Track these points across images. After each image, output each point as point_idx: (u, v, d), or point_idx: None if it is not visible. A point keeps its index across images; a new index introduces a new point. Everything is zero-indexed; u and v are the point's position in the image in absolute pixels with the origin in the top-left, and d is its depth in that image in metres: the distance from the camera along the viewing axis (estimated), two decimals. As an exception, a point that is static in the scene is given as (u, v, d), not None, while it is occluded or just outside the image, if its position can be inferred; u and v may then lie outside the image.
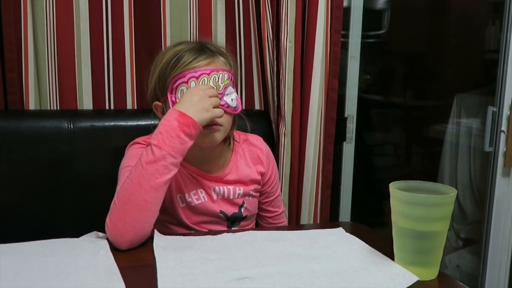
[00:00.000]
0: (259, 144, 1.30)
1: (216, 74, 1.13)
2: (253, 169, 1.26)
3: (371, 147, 2.80)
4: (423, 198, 0.86)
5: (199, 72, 1.11)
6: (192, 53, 1.14)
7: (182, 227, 1.21)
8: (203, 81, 1.11)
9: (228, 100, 1.15)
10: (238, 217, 1.25)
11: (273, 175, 1.32)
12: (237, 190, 1.23)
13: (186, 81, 1.11)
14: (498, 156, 1.87)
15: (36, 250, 0.94)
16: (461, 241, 2.25)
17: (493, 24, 2.21)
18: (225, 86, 1.14)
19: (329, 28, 1.50)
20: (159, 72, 1.16)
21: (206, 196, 1.21)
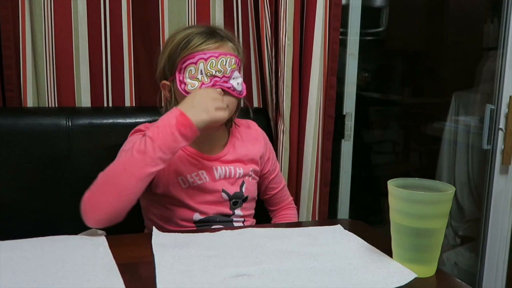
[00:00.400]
0: (254, 126, 1.36)
1: (224, 58, 1.16)
2: (251, 149, 1.30)
3: (369, 144, 2.81)
4: (421, 196, 0.86)
5: (208, 54, 1.15)
6: (202, 36, 1.18)
7: (186, 208, 1.22)
8: (211, 63, 1.15)
9: (234, 83, 1.18)
10: (240, 197, 1.26)
11: (271, 154, 1.37)
12: (237, 169, 1.25)
13: (195, 62, 1.15)
14: (496, 154, 1.87)
15: (35, 247, 0.94)
16: (459, 238, 2.26)
17: (492, 22, 2.22)
18: (232, 70, 1.18)
19: (327, 25, 1.50)
20: (169, 52, 1.19)
21: (207, 177, 1.22)
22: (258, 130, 1.36)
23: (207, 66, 1.14)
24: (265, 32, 1.47)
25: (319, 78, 1.49)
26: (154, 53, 1.48)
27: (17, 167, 1.32)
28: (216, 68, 1.15)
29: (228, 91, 1.17)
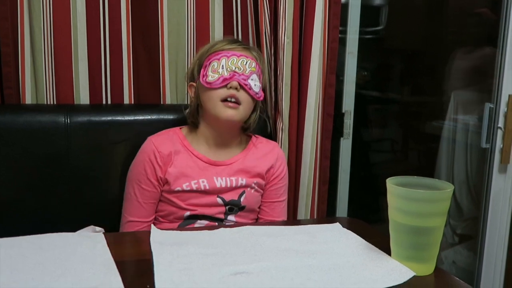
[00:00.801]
0: (274, 145, 1.39)
1: (245, 59, 1.27)
2: (260, 162, 1.32)
3: (368, 143, 2.81)
4: (420, 194, 0.86)
5: (230, 53, 1.27)
6: (229, 41, 1.32)
7: (178, 208, 1.25)
8: (232, 60, 1.25)
9: (251, 83, 1.26)
10: (236, 205, 1.27)
11: (280, 177, 1.35)
12: (239, 180, 1.28)
13: (218, 59, 1.25)
14: (495, 152, 1.87)
15: (33, 244, 0.94)
16: (457, 237, 2.26)
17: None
18: (251, 71, 1.26)
19: (327, 24, 1.49)
20: (199, 55, 1.32)
21: (207, 185, 1.25)
22: (276, 149, 1.38)
23: (228, 62, 1.24)
24: (264, 30, 1.47)
25: (318, 76, 1.49)
26: (153, 50, 1.49)
27: (16, 165, 1.32)
28: (236, 65, 1.25)
29: (244, 87, 1.24)
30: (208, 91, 1.25)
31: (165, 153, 1.26)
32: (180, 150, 1.27)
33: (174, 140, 1.29)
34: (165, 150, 1.26)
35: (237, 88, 1.23)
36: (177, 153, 1.26)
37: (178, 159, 1.26)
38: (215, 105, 1.24)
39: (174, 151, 1.26)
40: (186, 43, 1.51)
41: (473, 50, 2.51)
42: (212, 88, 1.24)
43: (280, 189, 1.35)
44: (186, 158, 1.27)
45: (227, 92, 1.23)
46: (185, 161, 1.26)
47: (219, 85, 1.23)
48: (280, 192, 1.35)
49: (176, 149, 1.27)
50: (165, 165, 1.25)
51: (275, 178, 1.34)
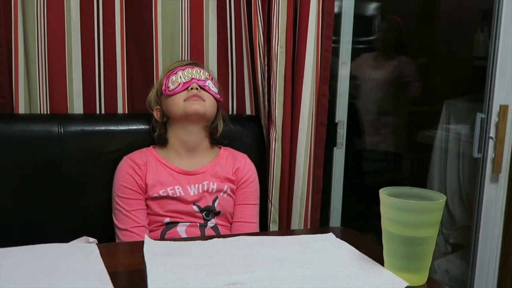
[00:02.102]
0: (242, 156, 1.43)
1: (199, 69, 1.38)
2: (229, 169, 1.38)
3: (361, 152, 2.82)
4: (412, 204, 0.87)
5: (185, 67, 1.37)
6: (182, 61, 1.44)
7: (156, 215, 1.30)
8: (188, 70, 1.36)
9: (209, 85, 1.36)
10: (211, 210, 1.33)
11: (248, 182, 1.39)
12: (211, 185, 1.34)
13: (175, 73, 1.36)
14: (487, 162, 1.88)
15: (26, 255, 0.94)
16: (450, 246, 2.26)
17: (482, 31, 2.24)
18: (206, 78, 1.37)
19: (320, 34, 1.50)
20: (158, 82, 1.42)
21: (182, 192, 1.31)
22: (245, 158, 1.43)
23: (184, 72, 1.36)
24: (257, 40, 1.48)
25: (311, 86, 1.50)
26: (147, 60, 1.49)
27: (9, 174, 1.32)
28: (192, 73, 1.36)
29: (204, 88, 1.35)
30: (172, 98, 1.34)
31: (141, 164, 1.33)
32: (153, 162, 1.34)
33: (147, 155, 1.36)
34: (140, 161, 1.33)
35: (197, 88, 1.33)
36: (151, 165, 1.33)
37: (152, 169, 1.33)
38: (181, 104, 1.32)
39: (148, 163, 1.33)
40: (180, 53, 1.52)
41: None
42: (175, 93, 1.33)
43: (249, 193, 1.39)
44: (159, 169, 1.33)
45: (188, 93, 1.33)
46: (159, 171, 1.33)
47: (181, 89, 1.33)
48: (249, 196, 1.39)
49: (150, 161, 1.34)
50: (143, 174, 1.32)
51: (244, 182, 1.39)
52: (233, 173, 1.38)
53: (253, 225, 1.39)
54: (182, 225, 1.30)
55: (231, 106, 1.59)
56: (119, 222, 1.29)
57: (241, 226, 1.36)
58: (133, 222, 1.28)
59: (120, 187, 1.30)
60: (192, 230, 1.30)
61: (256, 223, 1.40)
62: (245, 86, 1.58)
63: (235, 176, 1.38)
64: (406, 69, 2.70)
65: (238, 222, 1.37)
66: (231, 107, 1.59)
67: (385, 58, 2.71)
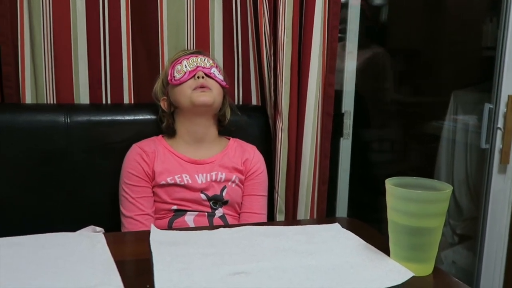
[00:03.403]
0: (251, 148, 1.43)
1: (203, 57, 1.37)
2: (238, 160, 1.38)
3: (368, 143, 2.81)
4: (418, 194, 0.87)
5: (189, 56, 1.37)
6: (185, 50, 1.43)
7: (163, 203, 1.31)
8: (192, 59, 1.35)
9: (215, 72, 1.36)
10: (219, 199, 1.33)
11: (257, 173, 1.39)
12: (219, 174, 1.34)
13: (180, 62, 1.35)
14: (494, 153, 1.87)
15: (33, 244, 0.94)
16: (457, 237, 2.26)
17: (490, 21, 2.21)
18: (211, 65, 1.37)
19: (326, 23, 1.49)
20: (163, 73, 1.41)
21: (190, 179, 1.31)
22: (254, 149, 1.42)
23: (189, 61, 1.35)
24: (263, 30, 1.47)
25: (317, 76, 1.49)
26: (153, 49, 1.49)
27: (15, 164, 1.32)
28: (196, 62, 1.35)
29: (210, 75, 1.34)
30: (179, 87, 1.33)
31: (149, 151, 1.33)
32: (161, 150, 1.34)
33: (156, 143, 1.36)
34: (148, 149, 1.33)
35: (203, 77, 1.33)
36: (159, 152, 1.34)
37: (160, 157, 1.33)
38: (188, 95, 1.32)
39: (157, 151, 1.34)
40: (186, 42, 1.51)
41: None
42: (182, 82, 1.33)
43: (257, 185, 1.40)
44: (168, 157, 1.34)
45: (195, 82, 1.32)
46: (167, 159, 1.33)
47: (187, 78, 1.32)
48: (258, 187, 1.39)
49: (158, 149, 1.34)
50: (151, 162, 1.32)
51: (252, 173, 1.39)
52: (242, 164, 1.38)
53: (261, 216, 1.39)
54: (190, 215, 1.30)
55: (237, 96, 1.58)
56: (124, 209, 1.30)
57: (249, 216, 1.36)
58: (138, 209, 1.28)
59: (127, 174, 1.31)
60: (200, 219, 1.30)
61: (264, 214, 1.40)
62: (251, 76, 1.57)
63: (243, 166, 1.38)
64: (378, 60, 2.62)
65: (246, 212, 1.37)
66: (237, 97, 1.58)
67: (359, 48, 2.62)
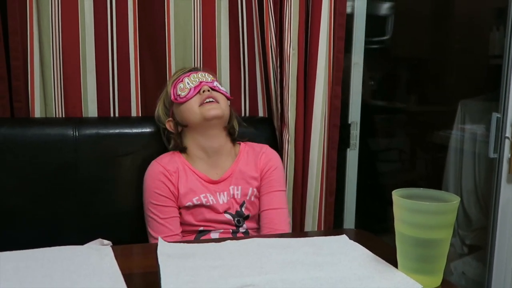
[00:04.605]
0: (262, 147, 1.41)
1: (203, 73, 1.37)
2: (252, 166, 1.36)
3: (375, 153, 2.80)
4: (425, 206, 0.86)
5: (188, 73, 1.37)
6: (181, 69, 1.42)
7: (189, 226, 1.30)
8: (193, 76, 1.35)
9: (218, 86, 1.36)
10: (241, 215, 1.32)
11: (272, 168, 1.36)
12: (235, 190, 1.33)
13: (181, 80, 1.35)
14: (503, 162, 1.86)
15: (41, 257, 0.95)
16: (467, 247, 2.24)
17: (497, 30, 2.21)
18: (212, 79, 1.37)
19: (332, 35, 1.50)
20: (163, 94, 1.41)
21: (213, 199, 1.30)
22: (265, 148, 1.40)
23: (190, 78, 1.35)
24: (270, 42, 1.48)
25: (324, 88, 1.50)
26: (161, 63, 1.50)
27: (25, 177, 1.34)
28: (198, 77, 1.35)
29: (214, 89, 1.34)
30: (185, 105, 1.32)
31: (172, 170, 1.31)
32: (182, 169, 1.33)
33: (176, 161, 1.34)
34: (171, 168, 1.31)
35: (209, 90, 1.33)
36: (181, 171, 1.32)
37: (183, 177, 1.31)
38: (197, 110, 1.30)
39: (180, 170, 1.32)
40: (193, 55, 1.52)
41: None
42: (188, 99, 1.32)
43: (273, 181, 1.36)
44: (190, 176, 1.32)
45: (202, 97, 1.32)
46: (189, 178, 1.32)
47: (192, 94, 1.32)
48: (274, 184, 1.36)
49: (180, 167, 1.33)
50: (175, 182, 1.30)
51: (267, 171, 1.36)
52: (256, 167, 1.36)
53: (281, 211, 1.34)
54: (215, 232, 1.30)
55: (244, 108, 1.59)
56: (153, 231, 1.29)
57: (268, 213, 1.33)
58: (168, 230, 1.27)
59: (154, 194, 1.29)
60: (225, 236, 1.29)
61: (285, 209, 1.36)
62: (257, 88, 1.58)
63: (258, 169, 1.36)
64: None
65: (265, 210, 1.34)
66: (243, 109, 1.59)
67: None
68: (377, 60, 2.70)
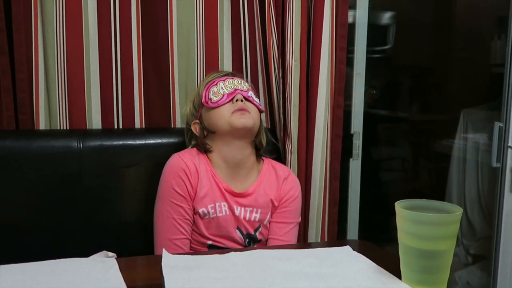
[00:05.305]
0: (284, 172, 1.37)
1: (239, 79, 1.34)
2: (274, 191, 1.33)
3: (378, 162, 2.80)
4: (428, 217, 0.87)
5: (224, 78, 1.33)
6: (218, 72, 1.39)
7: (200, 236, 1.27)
8: (229, 81, 1.32)
9: (252, 96, 1.33)
10: (253, 239, 1.30)
11: (291, 199, 1.34)
12: (253, 213, 1.30)
13: (216, 84, 1.32)
14: (506, 171, 1.85)
15: (46, 270, 0.95)
16: (471, 257, 2.23)
17: (499, 38, 2.22)
18: (248, 88, 1.34)
19: (334, 45, 1.51)
20: (194, 94, 1.38)
21: (228, 210, 1.28)
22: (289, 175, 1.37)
23: (226, 83, 1.31)
24: (272, 53, 1.49)
25: (326, 98, 1.50)
26: (164, 75, 1.51)
27: (29, 189, 1.34)
28: (233, 84, 1.32)
29: (248, 99, 1.31)
30: (215, 110, 1.29)
31: (193, 169, 1.26)
32: (203, 170, 1.28)
33: (199, 159, 1.29)
34: (192, 166, 1.27)
35: (242, 100, 1.29)
36: (201, 173, 1.27)
37: (203, 179, 1.27)
38: (227, 118, 1.27)
39: (200, 170, 1.27)
40: (196, 67, 1.54)
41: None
42: (220, 105, 1.28)
43: (288, 212, 1.34)
44: (209, 180, 1.28)
45: (234, 106, 1.28)
46: (209, 182, 1.27)
47: (225, 101, 1.28)
48: (288, 215, 1.34)
49: (201, 168, 1.28)
50: (195, 183, 1.25)
51: (287, 200, 1.34)
52: (276, 195, 1.33)
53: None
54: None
55: (247, 119, 1.60)
56: (163, 230, 1.23)
57: (276, 242, 1.31)
58: (180, 233, 1.23)
59: (171, 191, 1.23)
60: None
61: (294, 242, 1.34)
62: (260, 99, 1.59)
63: (278, 197, 1.33)
64: None
65: (273, 239, 1.32)
66: (246, 120, 1.60)
67: None
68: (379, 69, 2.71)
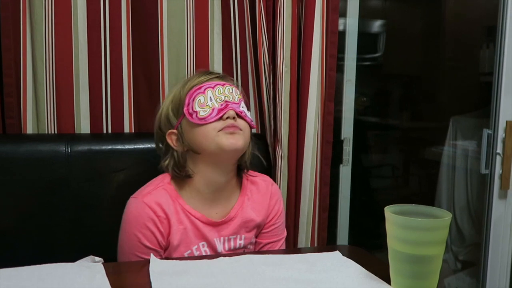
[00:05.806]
0: (266, 183, 1.27)
1: (230, 87, 1.17)
2: (258, 212, 1.23)
3: (368, 169, 2.81)
4: (417, 222, 0.87)
5: (214, 83, 1.15)
6: (204, 73, 1.20)
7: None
8: (218, 90, 1.14)
9: (244, 110, 1.17)
10: None
11: (277, 215, 1.26)
12: (237, 241, 1.19)
13: (203, 92, 1.14)
14: (494, 178, 1.87)
15: (32, 275, 0.94)
16: (460, 263, 2.24)
17: (487, 48, 2.25)
18: (240, 99, 1.18)
19: (324, 52, 1.52)
20: (172, 98, 1.18)
21: (208, 250, 1.16)
22: (270, 187, 1.26)
23: (215, 93, 1.13)
24: (263, 59, 1.49)
25: (316, 104, 1.51)
26: (154, 80, 1.51)
27: (17, 193, 1.33)
28: (224, 94, 1.14)
29: (240, 115, 1.15)
30: (201, 127, 1.11)
31: (163, 216, 1.11)
32: (173, 213, 1.13)
33: (167, 199, 1.13)
34: (161, 213, 1.11)
35: (234, 117, 1.12)
36: (172, 216, 1.12)
37: (175, 223, 1.12)
38: (214, 137, 1.11)
39: (171, 213, 1.12)
40: (186, 72, 1.53)
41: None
42: (207, 123, 1.11)
43: (277, 229, 1.26)
44: (182, 223, 1.13)
45: (224, 123, 1.11)
46: (181, 227, 1.13)
47: (214, 117, 1.11)
48: (277, 232, 1.27)
49: (171, 210, 1.13)
50: (166, 231, 1.11)
51: (274, 216, 1.26)
52: (263, 215, 1.22)
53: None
54: None
55: (237, 124, 1.59)
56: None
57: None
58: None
59: (138, 245, 1.10)
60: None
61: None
62: (250, 105, 1.59)
63: (264, 218, 1.23)
64: None
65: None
66: (236, 125, 1.59)
67: None
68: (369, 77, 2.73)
